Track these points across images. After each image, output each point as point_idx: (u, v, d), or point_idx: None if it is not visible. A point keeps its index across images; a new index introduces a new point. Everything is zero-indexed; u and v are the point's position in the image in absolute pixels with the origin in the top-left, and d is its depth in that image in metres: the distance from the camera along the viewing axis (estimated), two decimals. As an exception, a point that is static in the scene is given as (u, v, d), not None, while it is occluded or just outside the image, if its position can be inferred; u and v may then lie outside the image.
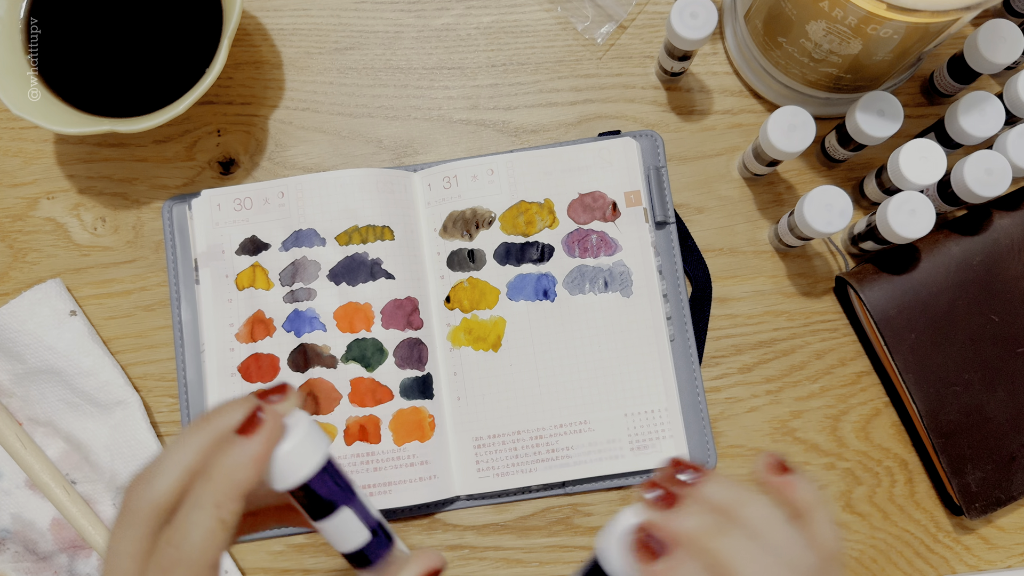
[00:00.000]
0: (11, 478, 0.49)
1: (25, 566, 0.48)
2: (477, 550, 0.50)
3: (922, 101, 0.53)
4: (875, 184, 0.50)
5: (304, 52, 0.54)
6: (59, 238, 0.53)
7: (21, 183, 0.53)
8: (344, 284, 0.50)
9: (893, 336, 0.48)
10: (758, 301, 0.51)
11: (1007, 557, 0.50)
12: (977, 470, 0.48)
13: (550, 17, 0.54)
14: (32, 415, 0.50)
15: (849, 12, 0.41)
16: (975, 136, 0.47)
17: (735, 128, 0.53)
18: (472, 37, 0.54)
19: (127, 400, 0.49)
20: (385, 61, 0.54)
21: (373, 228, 0.50)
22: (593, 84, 0.54)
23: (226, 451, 0.28)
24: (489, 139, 0.53)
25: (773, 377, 0.51)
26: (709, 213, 0.52)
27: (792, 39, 0.47)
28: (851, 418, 0.51)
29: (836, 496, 0.50)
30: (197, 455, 0.28)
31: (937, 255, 0.48)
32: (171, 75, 0.50)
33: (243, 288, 0.50)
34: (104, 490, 0.49)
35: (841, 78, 0.48)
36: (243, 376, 0.49)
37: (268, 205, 0.51)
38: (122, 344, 0.52)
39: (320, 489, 0.30)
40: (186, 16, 0.51)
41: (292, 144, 0.53)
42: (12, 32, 0.49)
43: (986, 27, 0.47)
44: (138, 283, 0.52)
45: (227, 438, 0.28)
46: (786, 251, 0.52)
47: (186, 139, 0.53)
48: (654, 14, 0.54)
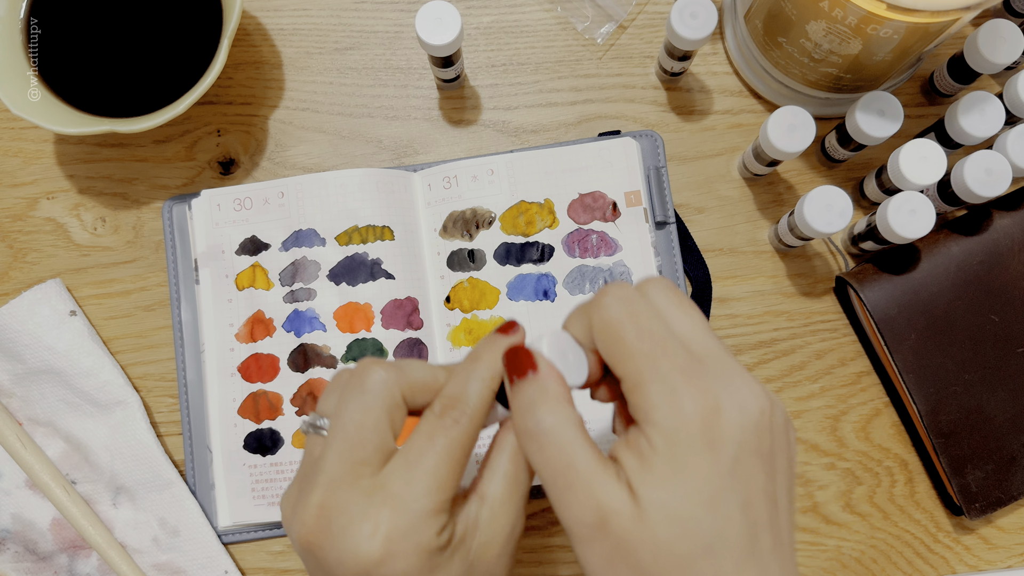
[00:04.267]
0: (11, 478, 0.49)
1: (25, 566, 0.48)
2: (477, 550, 0.50)
3: (922, 101, 0.53)
4: (875, 184, 0.50)
5: (304, 52, 0.54)
6: (59, 238, 0.53)
7: (21, 183, 0.53)
8: (344, 284, 0.50)
9: (893, 336, 0.48)
10: (758, 301, 0.51)
11: (1007, 557, 0.50)
12: (977, 470, 0.48)
13: (550, 17, 0.54)
14: (32, 415, 0.50)
15: (849, 12, 0.41)
16: (975, 136, 0.47)
17: (735, 128, 0.53)
18: (472, 37, 0.54)
19: (127, 400, 0.49)
20: (385, 61, 0.54)
21: (373, 228, 0.50)
22: (593, 84, 0.53)
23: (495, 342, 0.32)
24: (489, 139, 0.53)
25: (773, 377, 0.51)
26: (709, 213, 0.52)
27: (792, 39, 0.47)
28: (851, 418, 0.51)
29: (836, 496, 0.50)
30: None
31: (937, 255, 0.48)
32: (171, 75, 0.50)
33: (243, 288, 0.50)
34: (104, 490, 0.49)
35: (841, 78, 0.48)
36: (243, 376, 0.49)
37: (268, 205, 0.51)
38: (122, 344, 0.52)
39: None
40: (186, 16, 0.51)
41: (292, 144, 0.53)
42: (12, 32, 0.49)
43: (986, 27, 0.47)
44: (138, 283, 0.52)
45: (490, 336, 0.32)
46: (786, 251, 0.52)
47: (186, 139, 0.53)
48: (654, 14, 0.54)
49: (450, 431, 0.30)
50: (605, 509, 0.27)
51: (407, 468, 0.29)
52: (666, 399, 0.27)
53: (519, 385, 0.30)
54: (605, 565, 0.28)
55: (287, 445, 0.49)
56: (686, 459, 0.27)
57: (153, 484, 0.49)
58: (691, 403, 0.27)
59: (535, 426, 0.29)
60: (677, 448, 0.27)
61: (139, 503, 0.49)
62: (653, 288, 0.31)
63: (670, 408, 0.27)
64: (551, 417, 0.29)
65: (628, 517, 0.27)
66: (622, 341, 0.29)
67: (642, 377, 0.28)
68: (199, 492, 0.49)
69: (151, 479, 0.49)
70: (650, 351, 0.28)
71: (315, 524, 0.29)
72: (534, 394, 0.29)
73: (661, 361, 0.28)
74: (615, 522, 0.27)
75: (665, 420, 0.27)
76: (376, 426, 0.30)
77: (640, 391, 0.28)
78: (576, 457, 0.28)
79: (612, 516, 0.27)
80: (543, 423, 0.29)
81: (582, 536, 0.28)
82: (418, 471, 0.29)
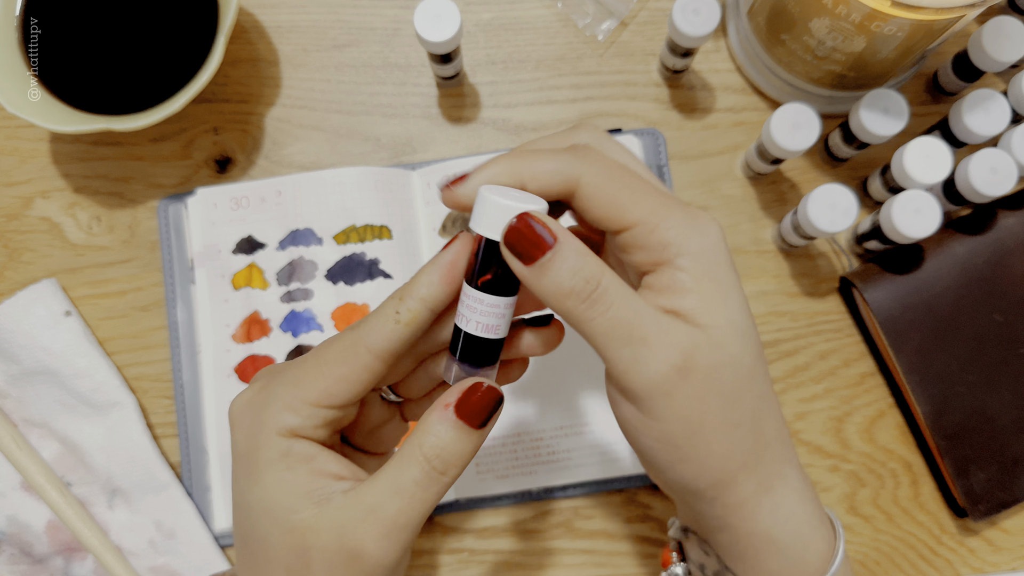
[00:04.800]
0: (6, 480, 0.49)
1: (21, 569, 0.48)
2: (477, 553, 0.49)
3: (926, 99, 0.53)
4: (879, 183, 0.49)
5: (301, 49, 0.54)
6: (54, 237, 0.52)
7: (16, 182, 0.53)
8: (342, 284, 0.49)
9: (897, 337, 0.47)
10: (762, 301, 0.51)
11: (1011, 560, 0.50)
12: (981, 472, 0.47)
13: (551, 14, 0.54)
14: (27, 416, 0.49)
15: (853, 9, 0.41)
16: (980, 134, 0.46)
17: (738, 126, 0.53)
18: (472, 34, 0.54)
19: (122, 401, 0.49)
20: (383, 58, 0.54)
21: (371, 227, 0.50)
22: (594, 81, 0.53)
23: (424, 268, 0.30)
24: (489, 137, 0.53)
25: (777, 378, 0.50)
26: (712, 212, 0.52)
27: (795, 36, 0.46)
28: (855, 419, 0.50)
29: (840, 499, 0.50)
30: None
31: (941, 255, 0.48)
32: (167, 73, 0.49)
33: (239, 288, 0.50)
34: (100, 492, 0.49)
35: (845, 75, 0.48)
36: (240, 377, 0.49)
37: (265, 204, 0.50)
38: (117, 345, 0.51)
39: (502, 264, 0.29)
40: (182, 13, 0.50)
41: (289, 142, 0.53)
42: (8, 30, 0.49)
43: (991, 24, 0.46)
44: (133, 283, 0.52)
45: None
46: (789, 250, 0.51)
47: (182, 137, 0.53)
48: (656, 11, 0.54)
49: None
50: (687, 345, 0.28)
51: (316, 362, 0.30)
52: (692, 229, 0.29)
53: (549, 260, 0.28)
54: (698, 403, 0.28)
55: (284, 447, 0.49)
56: (724, 278, 0.29)
57: (149, 486, 0.49)
58: (710, 228, 0.29)
59: (596, 288, 0.28)
60: (716, 269, 0.29)
61: (135, 505, 0.49)
62: (606, 136, 0.32)
63: (701, 236, 0.29)
64: (604, 274, 0.28)
65: (708, 345, 0.28)
66: (635, 184, 0.29)
67: (662, 214, 0.28)
68: (195, 494, 0.49)
69: (147, 481, 0.49)
70: (661, 190, 0.29)
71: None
72: (575, 260, 0.28)
73: (669, 198, 0.29)
74: (700, 355, 0.28)
75: (699, 247, 0.28)
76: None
77: (663, 228, 0.28)
78: (640, 307, 0.28)
79: (695, 350, 0.28)
80: (603, 281, 0.28)
81: (668, 385, 0.28)
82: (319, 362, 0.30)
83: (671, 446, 0.29)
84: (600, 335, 0.28)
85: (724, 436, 0.29)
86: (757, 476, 0.30)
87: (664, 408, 0.28)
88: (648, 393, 0.28)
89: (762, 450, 0.30)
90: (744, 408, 0.29)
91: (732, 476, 0.29)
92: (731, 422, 0.29)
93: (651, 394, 0.28)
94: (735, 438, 0.29)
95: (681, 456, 0.29)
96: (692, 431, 0.28)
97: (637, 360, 0.28)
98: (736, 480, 0.29)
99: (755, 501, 0.30)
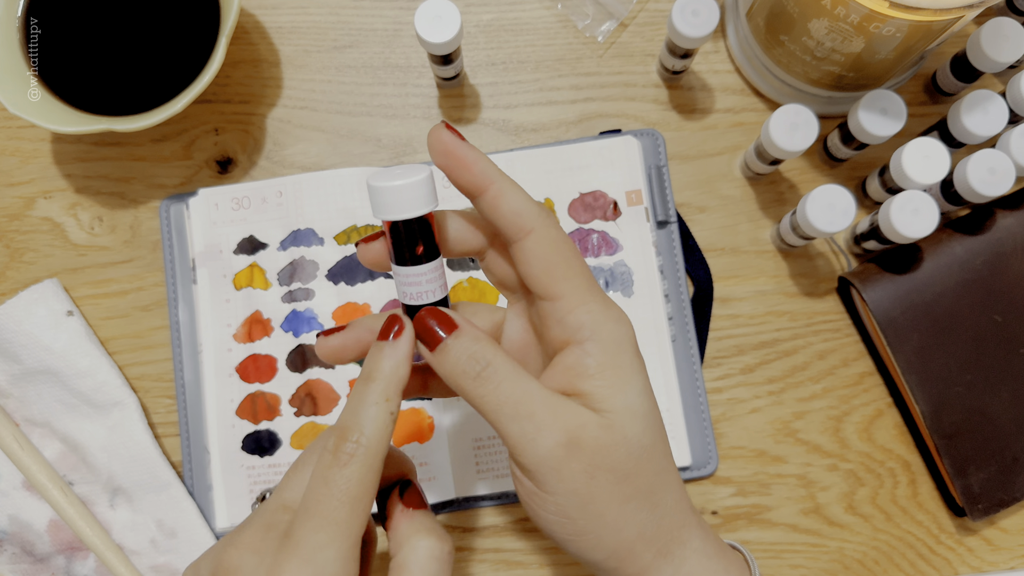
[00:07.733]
0: (8, 479, 0.49)
1: (23, 568, 0.48)
2: (477, 552, 0.49)
3: (925, 100, 0.53)
4: (878, 183, 0.50)
5: (302, 50, 0.54)
6: (56, 238, 0.52)
7: (18, 182, 0.53)
8: (343, 284, 0.49)
9: (895, 336, 0.47)
10: (760, 301, 0.51)
11: (1010, 559, 0.50)
12: (980, 471, 0.47)
13: (550, 15, 0.54)
14: (29, 416, 0.50)
15: (851, 10, 0.41)
16: (978, 135, 0.47)
17: (737, 127, 0.53)
18: (471, 35, 0.54)
19: (124, 401, 0.49)
20: (384, 59, 0.54)
21: (372, 227, 0.50)
22: (594, 82, 0.53)
23: (383, 354, 0.30)
24: (489, 138, 0.53)
25: (775, 378, 0.51)
26: (711, 212, 0.52)
27: (794, 37, 0.46)
28: (854, 419, 0.50)
29: (838, 498, 0.50)
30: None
31: (940, 255, 0.48)
32: (168, 73, 0.49)
33: (241, 288, 0.50)
34: (101, 491, 0.49)
35: (843, 76, 0.48)
36: (241, 377, 0.49)
37: (266, 204, 0.50)
38: (119, 344, 0.51)
39: (423, 233, 0.30)
40: (184, 14, 0.50)
41: (290, 143, 0.53)
42: (10, 31, 0.49)
43: (989, 25, 0.46)
44: (135, 283, 0.52)
45: (376, 346, 0.30)
46: (788, 251, 0.52)
47: (183, 138, 0.53)
48: (655, 12, 0.54)
49: (345, 469, 0.29)
50: (573, 425, 0.29)
51: (308, 516, 0.29)
52: (607, 319, 0.30)
53: (447, 346, 0.30)
54: (586, 478, 0.29)
55: (285, 446, 0.49)
56: (628, 365, 0.30)
57: (151, 485, 0.49)
58: (622, 320, 0.31)
59: (485, 369, 0.29)
60: (620, 358, 0.30)
61: (137, 504, 0.49)
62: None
63: (613, 325, 0.30)
64: (496, 357, 0.30)
65: (597, 426, 0.30)
66: (569, 262, 0.30)
67: (585, 297, 0.30)
68: (197, 493, 0.49)
69: (149, 480, 0.49)
70: (592, 278, 0.31)
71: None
72: (468, 345, 0.30)
73: (595, 286, 0.31)
74: (587, 434, 0.29)
75: (608, 335, 0.30)
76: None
77: (581, 311, 0.30)
78: (530, 386, 0.30)
79: (581, 430, 0.29)
80: (493, 362, 0.29)
81: (555, 461, 0.29)
82: (319, 519, 0.28)
83: (567, 518, 0.30)
84: (490, 411, 0.29)
85: (616, 509, 0.30)
86: (656, 545, 0.31)
87: (555, 482, 0.30)
88: (537, 467, 0.29)
89: (659, 520, 0.31)
90: (639, 483, 0.30)
91: (629, 547, 0.31)
92: (623, 496, 0.30)
93: (540, 468, 0.29)
94: (627, 510, 0.30)
95: (577, 529, 0.30)
96: (583, 503, 0.30)
97: (524, 435, 0.29)
98: (633, 551, 0.31)
99: (655, 568, 0.31)
